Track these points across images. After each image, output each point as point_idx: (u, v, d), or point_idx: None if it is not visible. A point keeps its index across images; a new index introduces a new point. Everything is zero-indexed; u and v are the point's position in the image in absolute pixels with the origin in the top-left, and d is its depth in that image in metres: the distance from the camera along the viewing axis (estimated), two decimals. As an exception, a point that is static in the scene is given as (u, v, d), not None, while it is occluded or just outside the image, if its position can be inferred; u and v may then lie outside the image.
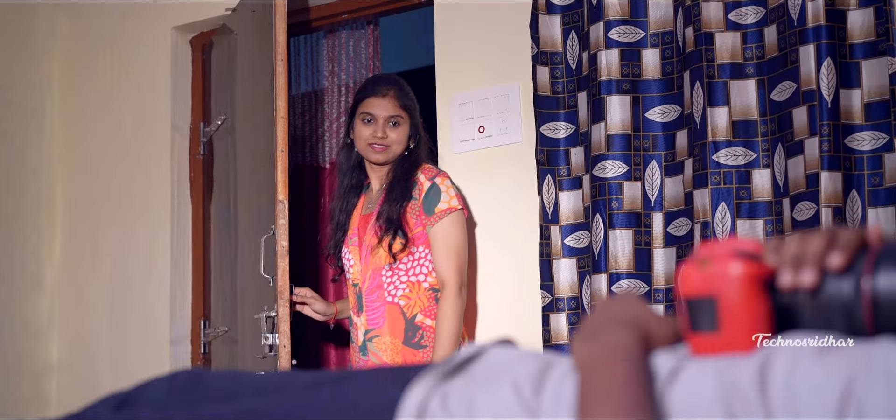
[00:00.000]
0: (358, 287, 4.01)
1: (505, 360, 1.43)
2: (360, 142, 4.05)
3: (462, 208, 3.93)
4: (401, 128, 4.02)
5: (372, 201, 4.09)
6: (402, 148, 4.04)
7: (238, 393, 1.58)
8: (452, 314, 3.80)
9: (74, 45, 5.55)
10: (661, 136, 4.00)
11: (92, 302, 5.35)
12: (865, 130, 3.61)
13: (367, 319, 3.96)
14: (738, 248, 1.28)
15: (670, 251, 3.94)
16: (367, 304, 3.96)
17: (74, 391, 5.24)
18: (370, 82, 4.12)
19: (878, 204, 3.56)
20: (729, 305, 1.26)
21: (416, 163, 4.03)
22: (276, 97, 4.14)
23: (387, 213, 3.92)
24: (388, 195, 3.96)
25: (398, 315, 3.91)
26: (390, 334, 3.91)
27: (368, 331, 3.96)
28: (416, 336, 3.89)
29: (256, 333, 4.21)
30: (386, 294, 3.93)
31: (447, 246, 3.88)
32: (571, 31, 4.19)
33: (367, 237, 3.98)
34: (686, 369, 1.25)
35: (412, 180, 3.96)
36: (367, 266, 3.97)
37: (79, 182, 5.47)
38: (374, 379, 1.51)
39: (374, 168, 4.10)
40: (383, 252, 3.91)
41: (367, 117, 4.02)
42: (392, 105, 4.02)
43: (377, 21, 5.43)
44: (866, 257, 1.22)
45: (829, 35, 3.61)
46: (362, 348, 3.98)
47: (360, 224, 4.08)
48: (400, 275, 3.93)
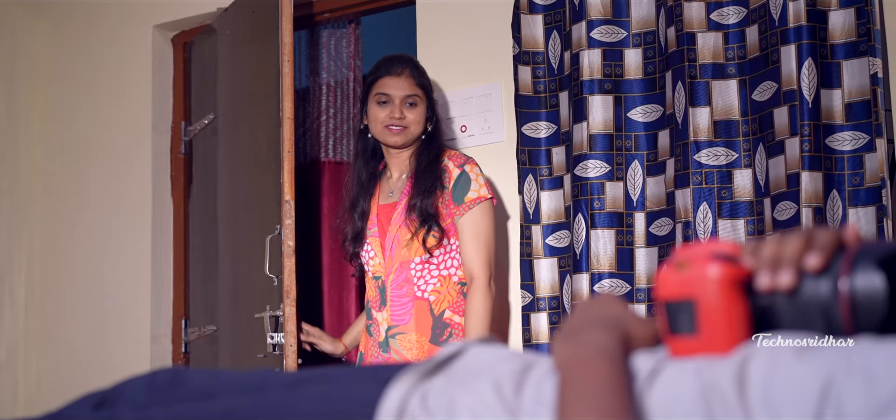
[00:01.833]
0: (380, 281, 3.84)
1: (485, 359, 1.43)
2: (375, 125, 3.88)
3: (492, 197, 3.81)
4: (418, 108, 3.87)
5: (393, 190, 3.92)
6: (421, 129, 3.89)
7: (218, 392, 1.58)
8: (484, 309, 3.67)
9: (54, 43, 5.53)
10: (643, 135, 4.01)
11: (71, 301, 5.33)
12: (846, 131, 3.62)
13: (391, 315, 3.80)
14: (716, 251, 1.28)
15: (652, 251, 3.94)
16: (393, 299, 3.80)
17: (53, 390, 5.22)
18: (383, 62, 3.95)
19: (858, 204, 3.58)
20: (707, 308, 1.26)
21: (440, 148, 3.89)
22: (282, 98, 4.10)
23: (421, 206, 3.74)
24: (418, 185, 3.78)
25: (426, 311, 3.76)
26: (417, 332, 3.75)
27: (392, 327, 3.80)
28: (444, 334, 3.74)
29: (255, 332, 4.19)
30: (415, 289, 3.78)
31: (477, 237, 3.74)
32: (553, 30, 4.20)
33: (393, 228, 3.81)
34: (665, 370, 1.25)
35: (440, 168, 3.81)
36: (393, 258, 3.80)
37: (58, 180, 5.45)
38: (355, 378, 1.51)
39: (392, 153, 3.94)
40: (417, 245, 3.75)
41: (382, 99, 3.86)
42: (408, 84, 3.87)
43: (359, 20, 5.43)
44: (843, 257, 1.22)
45: (811, 35, 3.62)
46: (383, 345, 3.82)
47: (379, 214, 3.90)
48: (430, 269, 3.78)
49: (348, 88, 5.49)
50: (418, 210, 3.74)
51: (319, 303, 5.33)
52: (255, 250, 4.26)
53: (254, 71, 4.48)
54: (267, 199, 4.23)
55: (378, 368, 1.51)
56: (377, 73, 3.91)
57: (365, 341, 3.94)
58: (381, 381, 1.43)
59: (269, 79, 4.27)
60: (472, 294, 3.69)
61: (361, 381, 1.48)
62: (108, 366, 5.09)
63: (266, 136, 4.28)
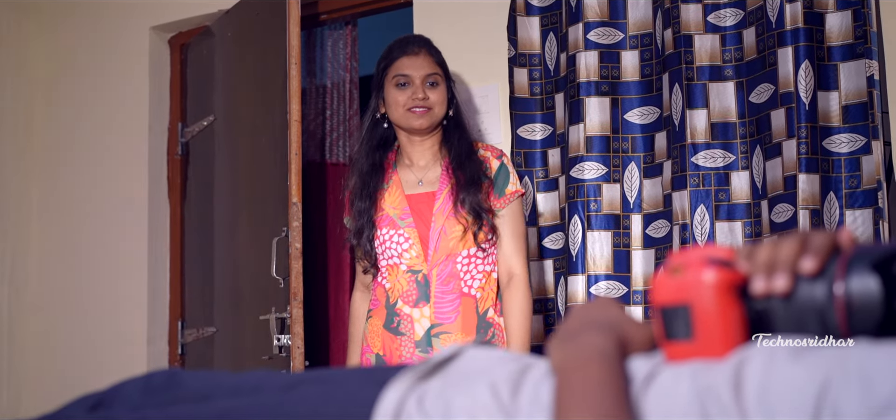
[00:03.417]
0: (420, 275, 3.58)
1: (482, 361, 1.43)
2: (396, 109, 3.64)
3: (523, 192, 3.73)
4: (440, 88, 3.67)
5: (422, 179, 3.69)
6: (444, 111, 3.68)
7: (214, 394, 1.57)
8: (529, 307, 3.55)
9: (51, 44, 5.53)
10: (639, 137, 4.01)
11: (68, 302, 5.33)
12: (843, 133, 3.62)
13: (436, 312, 3.56)
14: (711, 256, 1.28)
15: (649, 253, 3.94)
16: (438, 294, 3.56)
17: (49, 391, 5.21)
18: (397, 44, 3.73)
19: (855, 206, 3.58)
20: (703, 313, 1.26)
21: (468, 133, 3.72)
22: (290, 100, 4.08)
23: (473, 201, 3.55)
24: (462, 175, 3.58)
25: (472, 310, 3.56)
26: (462, 331, 3.54)
27: (435, 325, 3.55)
28: (488, 334, 3.56)
29: (259, 334, 4.19)
30: (462, 284, 3.57)
31: (515, 232, 3.61)
32: (550, 32, 4.20)
33: (438, 219, 3.58)
34: (662, 373, 1.25)
35: (479, 157, 3.65)
36: (438, 252, 3.57)
37: (55, 181, 5.45)
38: (351, 379, 1.51)
39: (414, 141, 3.71)
40: (466, 239, 3.57)
41: (401, 80, 3.64)
42: (427, 63, 3.67)
43: (355, 22, 5.43)
44: (838, 261, 1.22)
45: (808, 37, 3.62)
46: (424, 343, 3.55)
47: (411, 204, 3.65)
48: (477, 263, 3.60)
49: (345, 90, 5.49)
50: (470, 205, 3.55)
51: (315, 303, 5.33)
52: (257, 252, 4.26)
53: (256, 73, 4.48)
54: (271, 201, 4.22)
55: (375, 370, 1.51)
56: (392, 56, 3.69)
57: (388, 340, 3.63)
58: (377, 383, 1.43)
59: (272, 81, 4.26)
60: (515, 292, 3.56)
61: (358, 382, 1.48)
62: (104, 367, 5.09)
63: (270, 138, 4.27)
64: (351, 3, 4.89)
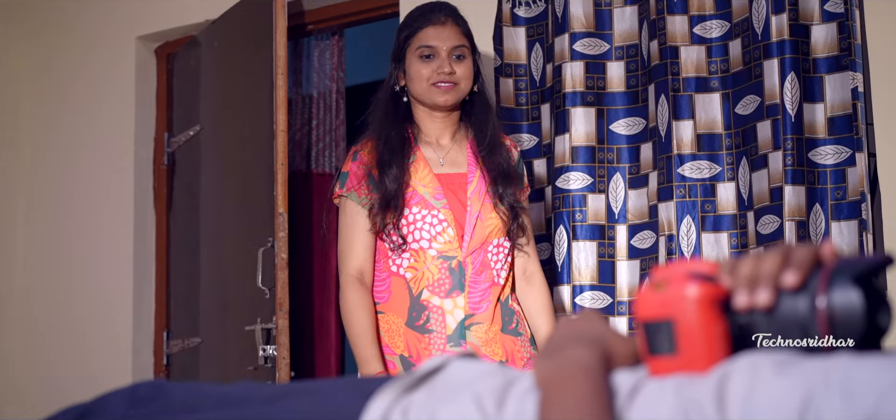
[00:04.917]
0: (455, 261, 3.33)
1: (467, 374, 1.43)
2: (419, 83, 3.39)
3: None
4: (466, 61, 3.43)
5: (445, 160, 3.44)
6: (469, 87, 3.44)
7: (200, 406, 1.57)
8: (549, 295, 3.50)
9: (37, 53, 5.52)
10: (625, 148, 4.02)
11: (53, 312, 5.32)
12: (828, 145, 3.64)
13: (469, 302, 3.32)
14: (694, 270, 1.28)
15: (634, 264, 3.95)
16: (472, 283, 3.33)
17: (32, 402, 5.20)
18: (420, 12, 3.48)
19: (841, 217, 3.59)
20: (686, 328, 1.26)
21: (494, 114, 3.49)
22: (276, 110, 4.09)
23: (510, 200, 3.37)
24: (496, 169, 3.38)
25: (497, 298, 3.36)
26: (491, 322, 3.32)
27: (469, 316, 3.31)
28: (512, 322, 3.37)
29: (245, 345, 4.18)
30: (494, 274, 3.37)
31: (529, 227, 3.50)
32: (536, 42, 4.20)
33: (475, 205, 3.36)
34: (646, 387, 1.26)
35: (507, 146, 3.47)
36: (473, 238, 3.35)
37: (40, 190, 5.44)
38: (337, 391, 1.50)
39: (434, 116, 3.46)
40: (497, 226, 3.36)
41: (425, 52, 3.39)
42: (454, 34, 3.43)
43: (342, 32, 5.43)
44: (820, 274, 1.22)
45: (793, 49, 3.63)
46: (456, 336, 3.29)
47: (444, 184, 3.39)
48: (504, 252, 3.41)
49: (331, 100, 5.49)
50: (509, 203, 3.38)
51: (300, 314, 5.32)
52: (243, 262, 4.25)
53: (243, 83, 4.48)
54: (257, 211, 4.22)
55: (361, 381, 1.51)
56: (416, 25, 3.44)
57: (413, 340, 3.33)
58: (363, 395, 1.43)
59: (259, 91, 4.26)
60: (540, 288, 3.46)
61: (343, 394, 1.48)
62: (88, 378, 5.07)
63: (256, 148, 4.27)
64: (338, 13, 4.89)
